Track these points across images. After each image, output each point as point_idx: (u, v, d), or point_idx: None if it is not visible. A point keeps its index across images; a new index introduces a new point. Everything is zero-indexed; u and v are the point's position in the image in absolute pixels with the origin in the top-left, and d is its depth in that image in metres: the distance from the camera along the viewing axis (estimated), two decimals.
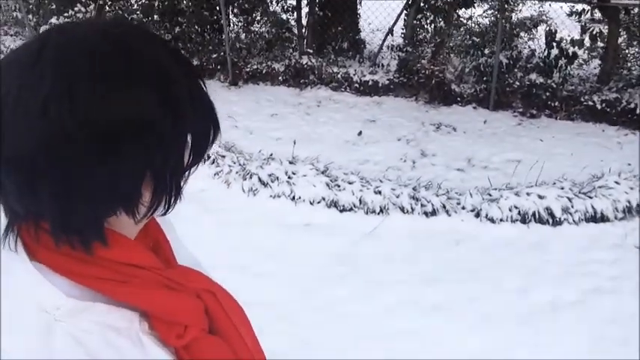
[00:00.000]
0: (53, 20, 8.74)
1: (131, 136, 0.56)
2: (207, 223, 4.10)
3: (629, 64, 6.97)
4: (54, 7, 8.90)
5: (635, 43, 7.08)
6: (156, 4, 8.50)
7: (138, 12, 8.56)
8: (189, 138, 0.65)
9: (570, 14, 7.37)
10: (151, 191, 0.62)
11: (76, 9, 8.73)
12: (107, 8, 8.52)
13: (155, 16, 8.46)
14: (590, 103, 6.41)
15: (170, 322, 0.67)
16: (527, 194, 4.22)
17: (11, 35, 10.64)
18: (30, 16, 9.55)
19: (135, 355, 0.63)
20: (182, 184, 0.67)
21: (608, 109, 6.29)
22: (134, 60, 0.57)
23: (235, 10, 8.58)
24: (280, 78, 7.82)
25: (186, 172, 0.67)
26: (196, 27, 8.39)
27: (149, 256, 0.68)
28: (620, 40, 6.91)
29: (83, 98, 0.54)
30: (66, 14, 8.75)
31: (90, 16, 8.59)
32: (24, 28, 10.02)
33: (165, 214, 0.67)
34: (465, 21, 7.93)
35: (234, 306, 0.80)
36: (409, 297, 3.32)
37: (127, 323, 0.64)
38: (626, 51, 7.13)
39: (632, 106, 6.15)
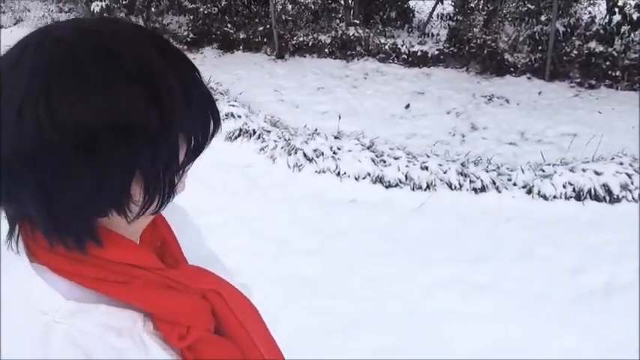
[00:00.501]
0: None
1: (112, 136, 0.54)
2: (253, 198, 4.12)
3: None
4: None
5: None
6: None
7: None
8: (184, 134, 0.62)
9: None
10: (141, 190, 0.60)
11: None
12: None
13: None
14: None
15: (172, 323, 0.66)
16: (583, 170, 4.03)
17: (65, 12, 10.91)
18: None
19: (136, 355, 0.62)
20: (176, 181, 0.65)
21: None
22: (115, 59, 0.55)
23: None
24: (327, 50, 7.72)
25: (182, 169, 0.65)
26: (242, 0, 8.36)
27: (149, 256, 0.66)
28: None
29: (59, 99, 0.52)
30: None
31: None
32: (77, 4, 10.26)
33: (157, 211, 0.66)
34: None
35: (245, 307, 0.78)
36: (456, 276, 3.24)
37: (129, 323, 0.63)
38: None
39: None
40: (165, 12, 9.26)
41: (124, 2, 8.98)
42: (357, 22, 7.72)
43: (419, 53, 7.15)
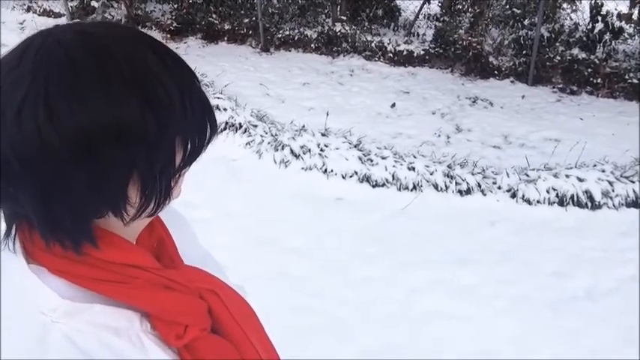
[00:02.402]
0: None
1: (109, 139, 0.55)
2: (239, 193, 4.09)
3: None
4: None
5: None
6: None
7: None
8: (181, 138, 0.63)
9: None
10: (138, 192, 0.61)
11: None
12: None
13: None
14: (635, 80, 6.16)
15: (169, 322, 0.67)
16: (567, 176, 4.10)
17: None
18: None
19: (133, 355, 0.63)
20: (173, 184, 0.65)
21: None
22: (114, 63, 0.56)
23: None
24: (312, 45, 7.68)
25: (178, 173, 0.66)
26: None
27: (145, 256, 0.67)
28: None
29: (57, 102, 0.53)
30: None
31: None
32: None
33: (154, 214, 0.67)
34: None
35: (241, 306, 0.79)
36: (441, 278, 3.27)
37: (126, 323, 0.64)
38: None
39: None
40: None
41: None
42: (344, 18, 7.70)
43: (405, 52, 7.17)
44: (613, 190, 4.00)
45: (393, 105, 5.95)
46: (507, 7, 7.04)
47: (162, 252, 0.75)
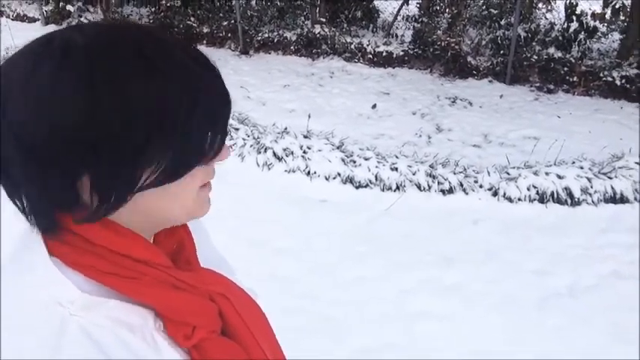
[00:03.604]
0: None
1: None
2: (222, 196, 4.06)
3: None
4: None
5: None
6: None
7: None
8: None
9: None
10: (92, 190, 0.61)
11: None
12: None
13: None
14: (610, 78, 6.28)
15: (177, 322, 0.67)
16: (546, 174, 4.16)
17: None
18: None
19: (147, 353, 0.64)
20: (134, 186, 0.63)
21: (628, 86, 6.16)
22: (161, 56, 0.59)
23: None
24: (292, 47, 7.69)
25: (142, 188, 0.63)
26: None
27: (156, 252, 0.66)
28: None
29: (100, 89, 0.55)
30: None
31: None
32: None
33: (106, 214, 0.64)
34: None
35: (252, 309, 0.80)
36: (428, 277, 3.30)
37: (140, 320, 0.64)
38: None
39: None
40: (126, 3, 9.01)
41: None
42: (323, 20, 7.72)
43: (384, 53, 7.21)
44: (592, 187, 4.07)
45: (374, 106, 5.98)
46: (484, 7, 7.14)
47: (181, 254, 0.75)
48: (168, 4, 8.31)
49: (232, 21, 7.97)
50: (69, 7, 8.72)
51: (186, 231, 0.78)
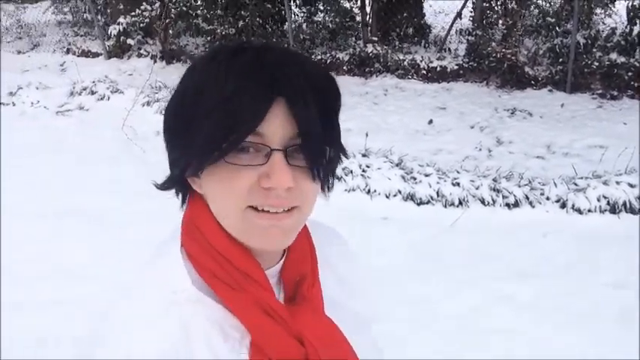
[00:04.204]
0: (121, 20, 9.00)
1: None
2: None
3: None
4: (121, 7, 9.15)
5: None
6: None
7: (201, 7, 8.67)
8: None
9: None
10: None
11: (142, 7, 8.96)
12: (171, 5, 8.67)
13: (218, 11, 8.55)
14: None
15: (259, 350, 0.66)
16: (617, 183, 4.00)
17: (81, 36, 11.02)
18: (99, 17, 9.87)
19: None
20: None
21: None
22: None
23: (298, 1, 8.55)
24: (345, 67, 7.75)
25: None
26: (259, 19, 8.42)
27: (252, 263, 0.67)
28: None
29: None
30: (133, 13, 9.00)
31: (155, 14, 8.78)
32: (93, 28, 10.39)
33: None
34: (536, 0, 7.58)
35: None
36: (497, 293, 3.21)
37: (237, 335, 0.65)
38: None
39: None
40: (182, 34, 9.35)
41: (141, 25, 9.10)
42: (375, 39, 7.76)
43: (438, 68, 7.17)
44: None
45: (431, 121, 5.93)
46: (540, 16, 7.00)
47: (300, 287, 0.73)
48: (223, 33, 8.56)
49: (285, 45, 8.13)
50: (129, 41, 9.11)
51: (312, 264, 0.76)
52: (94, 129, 5.86)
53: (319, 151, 0.65)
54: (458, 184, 4.18)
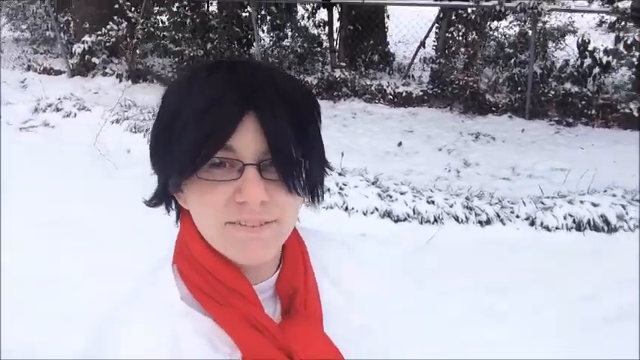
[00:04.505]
0: (86, 38, 8.91)
1: None
2: None
3: None
4: (87, 25, 9.06)
5: None
6: (187, 21, 8.64)
7: (169, 29, 8.70)
8: None
9: (600, 24, 7.42)
10: None
11: (108, 27, 8.91)
12: (139, 26, 8.66)
13: (186, 34, 8.59)
14: (627, 110, 6.43)
15: None
16: (581, 202, 4.24)
17: (41, 54, 10.82)
18: (62, 34, 9.72)
19: None
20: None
21: None
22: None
23: (266, 27, 8.70)
24: (314, 91, 7.90)
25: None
26: (227, 42, 8.51)
27: (240, 280, 0.68)
28: None
29: None
30: (99, 32, 8.93)
31: (122, 34, 8.74)
32: (54, 46, 10.23)
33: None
34: (494, 32, 7.99)
35: None
36: (475, 306, 3.34)
37: (228, 350, 0.67)
38: None
39: None
40: (150, 54, 9.31)
41: (106, 44, 9.02)
42: (344, 64, 7.97)
43: (404, 94, 7.42)
44: (627, 214, 4.14)
45: (400, 144, 6.12)
46: (499, 47, 7.38)
47: (294, 301, 0.73)
48: (191, 54, 8.59)
49: None
50: (94, 60, 9.02)
51: (307, 278, 0.76)
52: (64, 145, 5.76)
53: (291, 164, 0.63)
54: (433, 202, 4.34)
